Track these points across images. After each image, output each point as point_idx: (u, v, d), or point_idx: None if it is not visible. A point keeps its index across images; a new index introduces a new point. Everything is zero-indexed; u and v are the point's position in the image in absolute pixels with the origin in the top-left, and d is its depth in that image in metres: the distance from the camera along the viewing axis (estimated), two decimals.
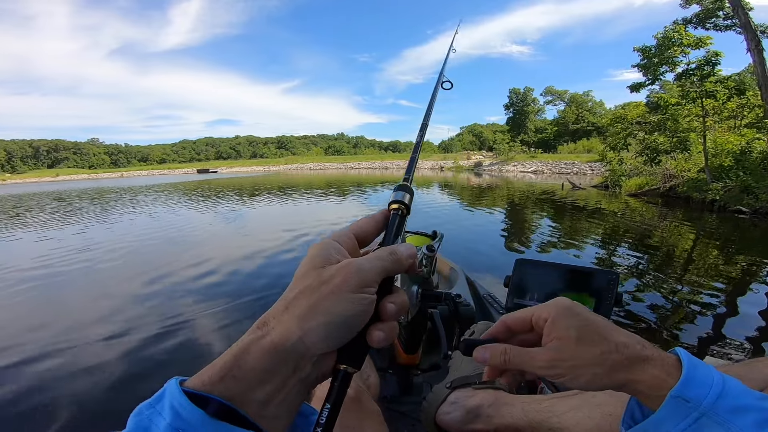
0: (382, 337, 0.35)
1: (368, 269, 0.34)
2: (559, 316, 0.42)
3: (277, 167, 66.57)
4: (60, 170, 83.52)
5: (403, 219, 0.44)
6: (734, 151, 9.52)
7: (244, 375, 0.31)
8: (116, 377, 2.33)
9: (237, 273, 4.37)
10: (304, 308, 0.33)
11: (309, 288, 0.34)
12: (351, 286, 0.33)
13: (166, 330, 2.93)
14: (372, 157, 69.66)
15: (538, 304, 0.46)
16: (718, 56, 9.34)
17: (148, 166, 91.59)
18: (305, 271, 0.35)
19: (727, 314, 3.19)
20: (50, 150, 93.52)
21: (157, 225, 8.39)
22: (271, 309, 0.34)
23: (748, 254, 5.10)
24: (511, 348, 0.43)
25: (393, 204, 0.44)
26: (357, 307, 0.33)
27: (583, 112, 56.18)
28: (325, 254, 0.36)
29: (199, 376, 0.31)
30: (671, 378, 0.36)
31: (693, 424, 0.34)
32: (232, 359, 0.31)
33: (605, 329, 0.40)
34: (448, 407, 0.91)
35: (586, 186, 15.73)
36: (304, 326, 0.32)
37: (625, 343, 0.39)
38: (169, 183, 30.15)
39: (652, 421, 0.37)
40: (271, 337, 0.32)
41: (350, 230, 0.40)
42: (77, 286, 4.37)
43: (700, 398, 0.35)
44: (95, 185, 33.85)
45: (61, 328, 3.10)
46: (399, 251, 0.37)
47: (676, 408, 0.35)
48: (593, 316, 0.42)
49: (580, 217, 8.39)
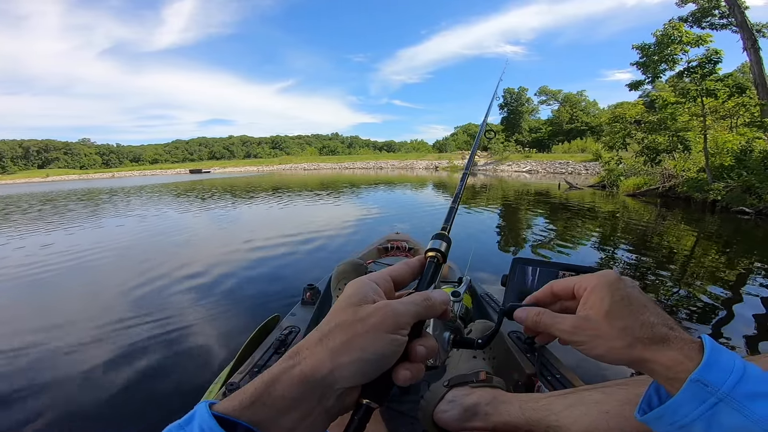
0: (408, 377, 0.36)
1: (403, 312, 0.36)
2: (598, 287, 0.44)
3: (271, 167, 66.08)
4: (50, 171, 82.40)
5: (439, 267, 0.46)
6: (734, 151, 9.34)
7: (273, 402, 0.32)
8: (108, 382, 2.28)
9: (225, 276, 4.26)
10: (338, 343, 0.34)
11: (345, 324, 0.35)
12: (386, 327, 0.35)
13: (158, 333, 2.88)
14: (366, 157, 69.46)
15: (591, 269, 0.50)
16: (718, 54, 9.19)
17: (140, 167, 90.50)
18: (343, 307, 0.37)
19: (729, 316, 3.10)
20: (41, 150, 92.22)
21: (141, 228, 8.12)
22: (304, 340, 0.36)
23: (752, 255, 4.96)
24: (544, 311, 0.47)
25: (430, 252, 0.47)
26: (389, 347, 0.35)
27: (577, 112, 56.21)
28: (363, 293, 0.37)
29: (229, 400, 0.32)
30: (690, 361, 0.37)
31: (710, 409, 0.35)
32: (263, 386, 0.32)
33: (639, 306, 0.41)
34: (446, 405, 0.91)
35: (583, 186, 15.53)
36: (336, 360, 0.33)
37: (653, 322, 0.40)
38: (160, 183, 29.67)
39: (670, 406, 0.38)
40: (301, 368, 0.33)
41: (388, 273, 0.42)
42: (64, 289, 4.25)
43: (719, 383, 0.35)
44: (83, 186, 33.26)
45: (49, 331, 3.03)
46: (433, 297, 0.39)
47: (695, 392, 0.36)
48: (635, 292, 0.43)
49: (577, 217, 8.24)
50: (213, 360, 2.46)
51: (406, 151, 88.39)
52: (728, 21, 13.53)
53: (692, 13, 13.74)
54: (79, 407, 2.06)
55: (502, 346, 1.34)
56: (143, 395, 2.13)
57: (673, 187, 10.78)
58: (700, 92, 9.30)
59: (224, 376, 1.35)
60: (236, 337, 2.70)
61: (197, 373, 2.31)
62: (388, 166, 54.07)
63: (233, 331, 2.85)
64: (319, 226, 7.41)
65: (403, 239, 2.96)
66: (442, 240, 0.48)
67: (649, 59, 10.58)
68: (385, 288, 0.40)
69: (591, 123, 52.52)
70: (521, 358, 1.27)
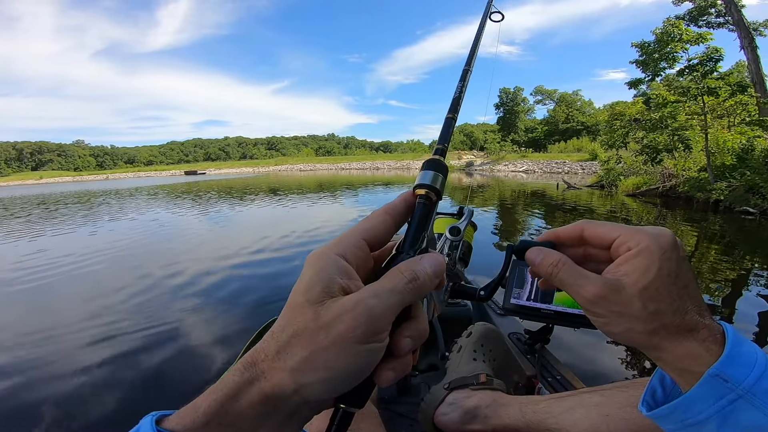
0: (392, 377, 0.30)
1: (380, 312, 0.27)
2: (647, 252, 0.35)
3: (267, 168, 65.81)
4: (44, 173, 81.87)
5: (432, 209, 0.35)
6: (735, 150, 9.22)
7: (232, 423, 0.27)
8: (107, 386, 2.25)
9: (226, 279, 4.19)
10: (298, 360, 0.27)
11: (304, 332, 0.27)
12: (357, 336, 0.27)
13: (158, 337, 2.83)
14: (363, 158, 69.39)
15: (628, 229, 0.38)
16: (718, 52, 9.12)
17: (134, 168, 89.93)
18: (299, 304, 0.28)
19: (733, 315, 3.03)
20: (34, 152, 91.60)
21: (139, 232, 7.90)
22: (260, 345, 0.29)
23: (758, 256, 4.85)
24: (565, 262, 0.37)
25: (419, 188, 0.34)
26: (363, 361, 0.28)
27: (572, 112, 56.31)
28: (324, 282, 0.28)
29: (179, 416, 0.27)
30: (710, 355, 0.33)
31: (728, 405, 0.32)
32: (216, 405, 0.27)
33: (681, 287, 0.35)
34: (446, 408, 0.91)
35: (581, 186, 15.34)
36: (300, 380, 0.27)
37: (687, 308, 0.34)
38: (155, 185, 29.39)
39: (684, 401, 0.34)
40: (261, 386, 0.27)
41: (360, 234, 0.32)
42: (61, 294, 4.12)
43: (739, 379, 0.32)
44: (75, 188, 32.89)
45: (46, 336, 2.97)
46: (421, 275, 0.30)
47: (713, 387, 0.32)
48: (684, 266, 0.35)
49: (575, 218, 8.09)
50: (214, 363, 2.43)
51: (402, 151, 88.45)
52: (725, 20, 13.55)
53: (689, 12, 13.74)
54: (76, 414, 2.02)
55: (501, 348, 1.29)
56: (142, 400, 2.10)
57: (673, 187, 10.63)
58: (701, 90, 9.17)
59: None
60: (237, 340, 2.68)
61: (198, 376, 2.30)
62: (384, 166, 53.98)
63: (234, 334, 2.81)
64: (319, 227, 7.35)
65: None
66: (434, 171, 0.34)
67: (649, 57, 10.49)
68: (358, 260, 0.31)
69: (587, 122, 52.67)
70: (521, 360, 1.25)
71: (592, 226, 0.39)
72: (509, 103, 60.37)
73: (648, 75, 10.92)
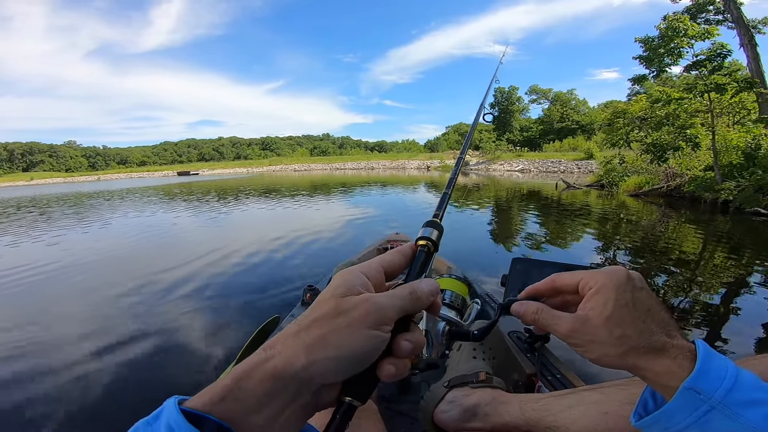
0: (392, 372, 0.35)
1: (386, 307, 0.34)
2: (604, 288, 0.42)
3: (261, 169, 65.15)
4: (35, 174, 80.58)
5: (430, 256, 0.44)
6: (741, 148, 8.92)
7: (245, 397, 0.30)
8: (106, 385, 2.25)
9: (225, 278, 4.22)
10: (314, 337, 0.32)
11: (325, 316, 0.33)
12: (367, 322, 0.33)
13: (158, 336, 2.86)
14: (358, 158, 68.93)
15: (592, 269, 0.46)
16: (724, 48, 8.86)
17: (126, 169, 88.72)
18: (326, 298, 0.35)
19: (741, 319, 2.94)
20: (25, 153, 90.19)
21: (137, 232, 7.58)
22: (282, 331, 0.34)
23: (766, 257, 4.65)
24: (543, 309, 0.46)
25: (420, 240, 0.44)
26: (369, 343, 0.33)
27: (567, 111, 56.26)
28: (349, 284, 0.35)
29: (199, 396, 0.31)
30: (683, 370, 0.37)
31: (702, 416, 0.35)
32: (233, 381, 0.31)
33: (641, 313, 0.41)
34: (446, 406, 0.91)
35: (581, 185, 15.06)
36: (311, 356, 0.32)
37: (652, 330, 0.40)
38: (145, 187, 28.87)
39: (664, 412, 0.38)
40: (274, 362, 0.31)
41: (378, 263, 0.39)
42: (60, 294, 4.15)
43: (711, 391, 0.35)
44: (63, 190, 32.22)
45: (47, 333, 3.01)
46: (419, 290, 0.37)
47: (688, 399, 0.36)
48: (641, 295, 0.42)
49: (578, 218, 7.89)
50: (214, 361, 2.45)
51: (397, 151, 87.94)
52: (723, 17, 13.39)
53: (687, 9, 13.54)
54: (75, 411, 2.02)
55: (501, 346, 1.34)
56: (142, 398, 2.10)
57: (678, 187, 10.33)
58: (709, 86, 8.83)
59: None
60: (237, 339, 2.69)
61: (198, 374, 2.30)
62: (379, 166, 53.62)
63: (234, 333, 2.83)
64: (318, 227, 7.27)
65: (403, 240, 2.94)
66: (433, 228, 0.45)
67: (654, 53, 10.19)
68: (375, 279, 0.38)
69: (582, 122, 52.64)
70: (521, 358, 1.25)
71: (560, 277, 0.47)
72: (504, 102, 60.25)
73: (652, 71, 10.64)
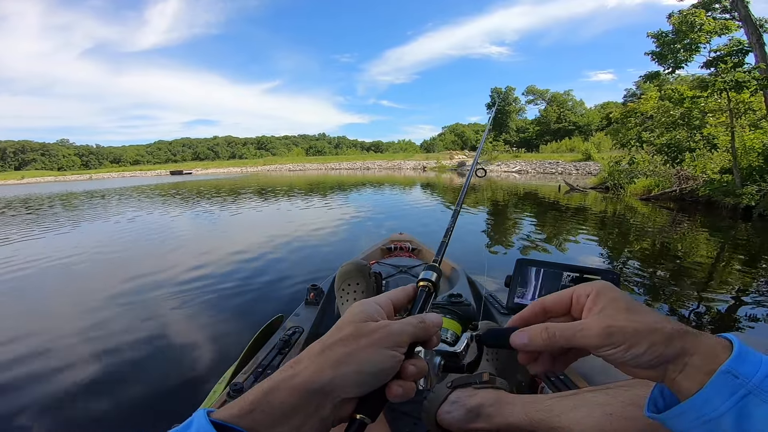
0: (400, 392, 0.39)
1: (401, 332, 0.40)
2: (604, 288, 0.41)
3: (255, 168, 64.51)
4: (26, 172, 79.22)
5: (430, 296, 0.50)
6: (759, 150, 8.40)
7: (271, 410, 0.33)
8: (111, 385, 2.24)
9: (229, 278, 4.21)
10: (341, 354, 0.37)
11: (348, 337, 0.38)
12: (386, 343, 0.38)
13: (163, 335, 2.87)
14: (353, 158, 68.45)
15: (595, 269, 0.52)
16: (742, 44, 8.43)
17: (119, 168, 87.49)
18: (348, 322, 0.40)
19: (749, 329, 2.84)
20: (17, 151, 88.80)
21: (136, 230, 7.11)
22: (306, 350, 0.39)
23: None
24: (552, 324, 0.41)
25: (421, 281, 0.51)
26: (388, 362, 0.38)
27: (564, 112, 56.11)
28: (368, 312, 0.41)
29: (228, 408, 0.34)
30: (725, 351, 0.35)
31: (740, 401, 0.34)
32: (262, 394, 0.34)
33: (644, 307, 0.40)
34: (449, 406, 0.91)
35: (585, 188, 14.65)
36: (338, 371, 0.36)
37: (666, 317, 0.39)
38: (136, 186, 28.24)
39: (697, 400, 0.35)
40: (302, 377, 0.35)
41: (388, 297, 0.45)
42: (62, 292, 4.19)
43: (749, 375, 0.34)
44: (52, 190, 31.50)
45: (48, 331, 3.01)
46: (427, 320, 0.42)
47: (725, 384, 0.34)
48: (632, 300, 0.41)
49: (584, 222, 7.56)
50: (217, 360, 2.45)
51: (393, 151, 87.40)
52: (731, 15, 13.05)
53: (693, 6, 13.20)
54: (81, 412, 2.02)
55: None
56: (147, 397, 2.09)
57: (691, 190, 9.78)
58: (728, 84, 8.27)
59: (228, 377, 1.38)
60: (240, 338, 2.65)
61: (201, 373, 2.31)
62: (375, 166, 53.21)
63: (237, 332, 2.84)
64: (320, 227, 7.28)
65: (407, 240, 2.95)
66: (433, 271, 0.51)
67: (668, 48, 9.68)
68: (387, 310, 0.43)
69: (579, 122, 52.48)
70: None
71: (547, 298, 0.45)
72: (500, 103, 59.98)
73: (667, 67, 10.11)
